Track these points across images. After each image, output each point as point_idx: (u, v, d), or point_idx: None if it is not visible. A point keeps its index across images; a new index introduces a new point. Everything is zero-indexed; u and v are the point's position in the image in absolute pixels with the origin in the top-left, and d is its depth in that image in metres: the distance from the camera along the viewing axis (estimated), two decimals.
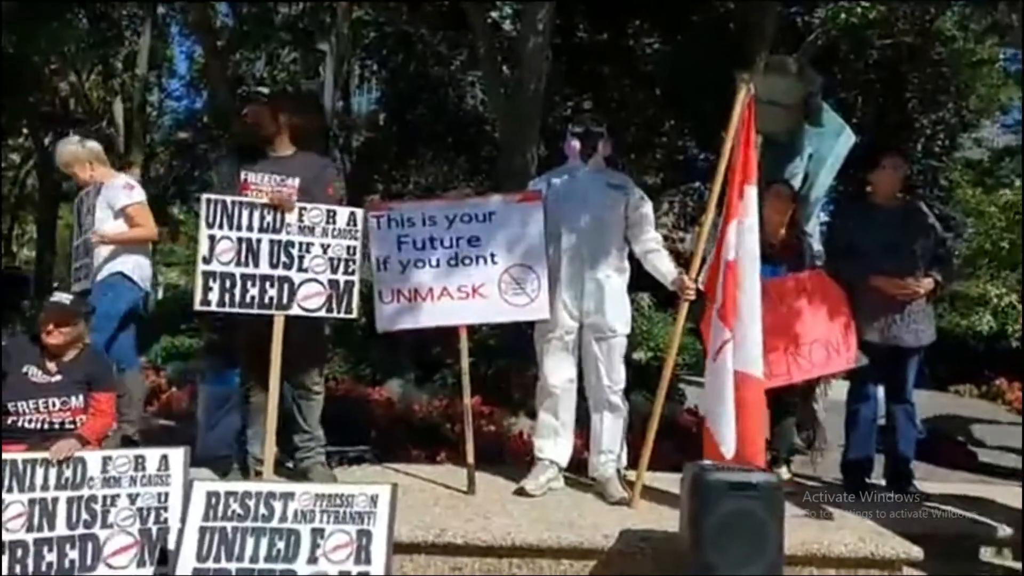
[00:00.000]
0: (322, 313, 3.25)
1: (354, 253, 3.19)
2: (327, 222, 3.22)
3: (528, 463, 3.67)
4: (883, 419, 4.01)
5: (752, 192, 3.31)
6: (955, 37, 11.08)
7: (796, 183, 6.46)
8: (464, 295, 3.42)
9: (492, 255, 3.42)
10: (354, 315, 3.30)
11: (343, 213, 3.26)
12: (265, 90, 3.83)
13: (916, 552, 3.14)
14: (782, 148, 6.95)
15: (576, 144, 3.54)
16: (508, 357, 5.13)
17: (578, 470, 3.71)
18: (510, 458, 4.22)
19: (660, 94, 11.97)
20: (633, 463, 3.51)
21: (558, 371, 3.54)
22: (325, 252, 3.20)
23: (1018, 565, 3.17)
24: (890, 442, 3.93)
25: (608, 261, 3.49)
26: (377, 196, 10.94)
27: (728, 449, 3.15)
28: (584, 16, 10.96)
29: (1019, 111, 14.34)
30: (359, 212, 3.28)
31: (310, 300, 3.21)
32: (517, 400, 4.93)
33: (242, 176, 3.26)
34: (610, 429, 3.56)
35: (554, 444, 3.58)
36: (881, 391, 3.96)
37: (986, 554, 3.46)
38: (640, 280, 3.79)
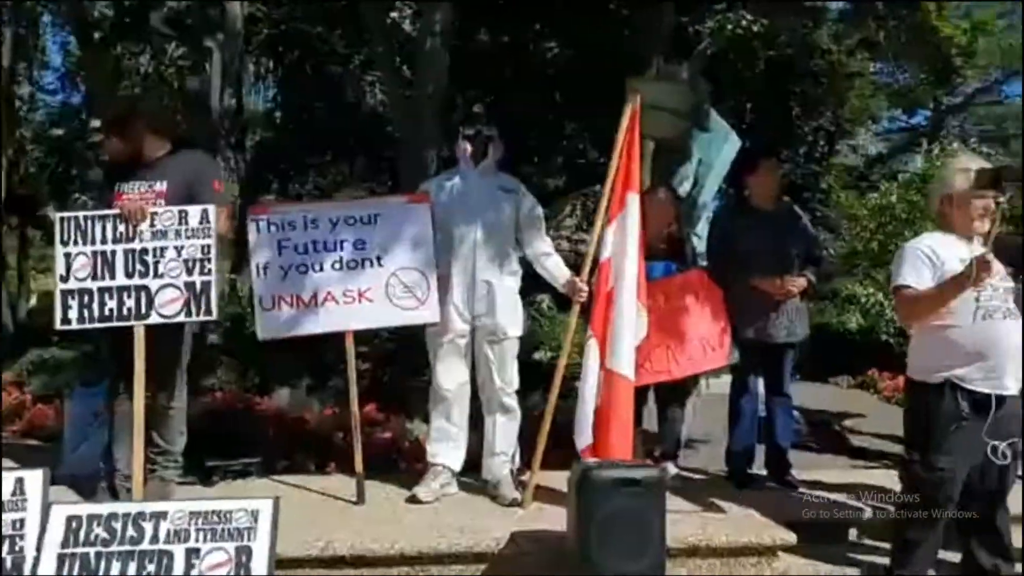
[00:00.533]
0: (181, 318, 3.13)
1: (209, 252, 3.08)
2: (179, 223, 3.11)
3: (423, 469, 3.64)
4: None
5: (633, 199, 3.40)
6: (831, 51, 11.73)
7: (687, 186, 6.71)
8: (350, 300, 3.36)
9: (378, 258, 3.38)
10: (213, 316, 3.18)
11: (195, 212, 3.14)
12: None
13: (790, 538, 3.30)
14: (674, 153, 7.21)
15: (467, 147, 3.53)
16: (405, 362, 5.07)
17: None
18: (406, 465, 4.17)
19: (561, 98, 12.16)
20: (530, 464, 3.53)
21: (450, 375, 3.53)
22: (179, 254, 3.09)
23: (885, 544, 3.36)
24: (769, 433, 4.12)
25: (499, 264, 3.50)
26: (273, 197, 10.63)
27: (582, 441, 3.25)
28: (485, 19, 11.00)
29: (888, 121, 15.40)
30: (212, 209, 3.16)
31: (167, 306, 3.09)
32: (414, 405, 4.87)
33: (115, 187, 3.18)
34: (503, 431, 3.57)
35: (447, 449, 3.56)
36: (761, 385, 4.14)
37: (855, 535, 3.66)
38: (541, 281, 3.82)
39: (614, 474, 2.76)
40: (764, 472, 4.14)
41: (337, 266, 3.36)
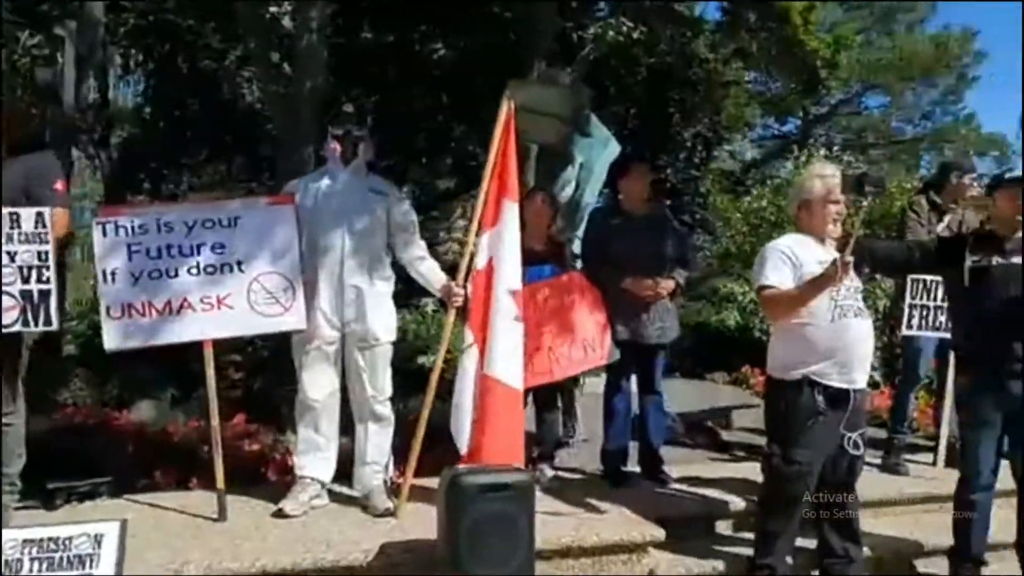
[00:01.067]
0: (18, 327, 2.89)
1: (46, 259, 2.85)
2: (11, 227, 2.85)
3: (293, 482, 3.49)
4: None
5: (510, 205, 3.39)
6: (708, 60, 12.22)
7: (569, 190, 6.77)
8: (208, 307, 3.17)
9: (239, 263, 3.21)
10: (54, 326, 2.95)
11: (27, 216, 2.89)
12: None
13: (659, 534, 3.38)
14: (556, 157, 7.28)
15: (335, 146, 3.42)
16: (278, 370, 4.87)
17: None
18: (277, 478, 3.99)
19: (448, 100, 12.11)
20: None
21: (318, 383, 3.40)
22: (13, 260, 2.83)
23: (750, 535, 3.49)
24: (642, 431, 4.21)
25: (369, 268, 3.40)
26: (144, 197, 10.05)
27: (461, 445, 3.23)
28: (368, 17, 10.80)
29: (762, 128, 16.22)
30: (47, 212, 2.92)
31: (3, 316, 2.84)
32: (287, 415, 4.69)
33: None
34: (375, 440, 3.48)
35: (316, 460, 3.43)
36: (634, 384, 4.23)
37: (721, 528, 3.79)
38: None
39: (482, 480, 2.74)
40: (638, 469, 4.23)
41: (194, 272, 3.17)
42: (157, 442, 4.19)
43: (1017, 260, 3.27)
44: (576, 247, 4.74)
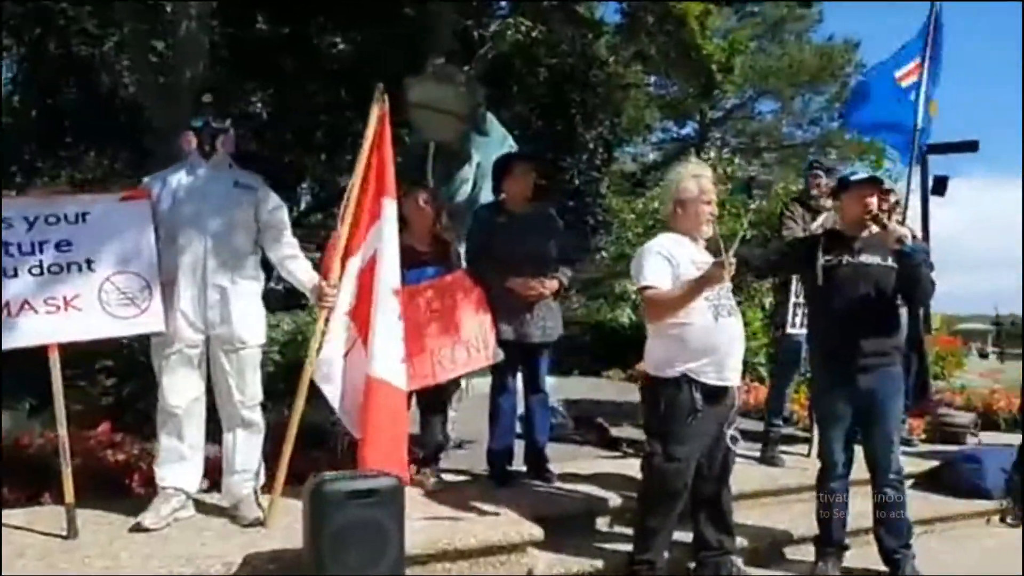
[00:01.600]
0: None
1: None
2: None
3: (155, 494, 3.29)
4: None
5: (388, 203, 3.30)
6: (608, 62, 12.42)
7: (467, 189, 6.71)
8: (53, 309, 2.94)
9: (88, 262, 2.99)
10: None
11: None
12: None
13: (538, 533, 3.37)
14: (453, 156, 7.20)
15: (191, 139, 3.24)
16: (148, 375, 4.61)
17: None
18: (143, 490, 3.76)
19: (347, 95, 11.84)
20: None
21: (180, 389, 3.21)
22: None
23: (630, 531, 3.53)
24: (528, 430, 4.20)
25: (234, 267, 3.24)
26: (15, 193, 9.38)
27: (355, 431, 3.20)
28: (263, 7, 10.43)
29: (662, 131, 16.65)
30: None
31: None
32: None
33: None
34: (244, 447, 3.32)
35: (179, 470, 3.24)
36: (520, 383, 4.21)
37: (602, 524, 3.82)
38: None
39: (347, 486, 2.64)
40: (524, 468, 4.22)
41: (36, 271, 2.93)
42: (7, 455, 3.87)
43: (866, 259, 3.43)
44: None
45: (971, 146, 11.03)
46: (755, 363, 7.12)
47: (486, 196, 6.85)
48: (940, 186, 11.23)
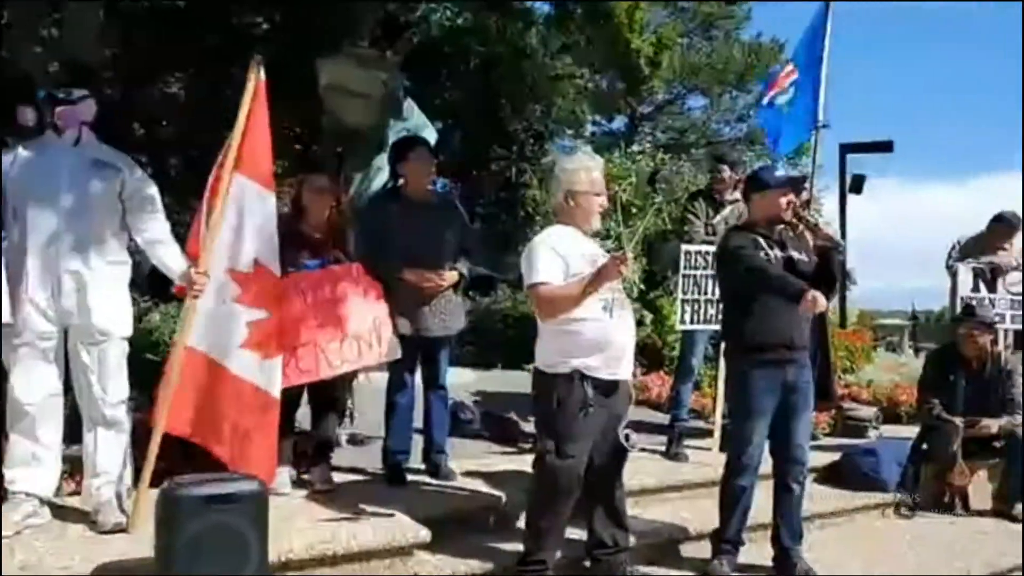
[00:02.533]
0: None
1: None
2: None
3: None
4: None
5: (242, 181, 3.11)
6: (537, 52, 12.31)
7: (383, 177, 6.50)
8: None
9: None
10: None
11: None
12: None
13: (425, 535, 3.24)
14: (370, 142, 6.97)
15: (29, 113, 2.96)
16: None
17: None
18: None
19: (268, 76, 11.44)
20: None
21: (33, 385, 2.95)
22: None
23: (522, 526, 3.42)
24: (426, 427, 4.05)
25: (94, 251, 2.98)
26: None
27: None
28: None
29: (593, 124, 16.65)
30: None
31: None
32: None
33: None
34: (106, 448, 3.07)
35: (31, 473, 2.97)
36: (419, 379, 4.05)
37: (498, 523, 3.70)
38: None
39: (202, 491, 2.45)
40: (423, 467, 4.07)
41: None
42: None
43: (791, 254, 3.40)
44: None
45: (886, 146, 11.35)
46: (672, 356, 7.11)
47: None
48: (858, 185, 11.56)
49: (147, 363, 3.27)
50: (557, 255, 3.09)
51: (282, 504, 3.42)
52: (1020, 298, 5.15)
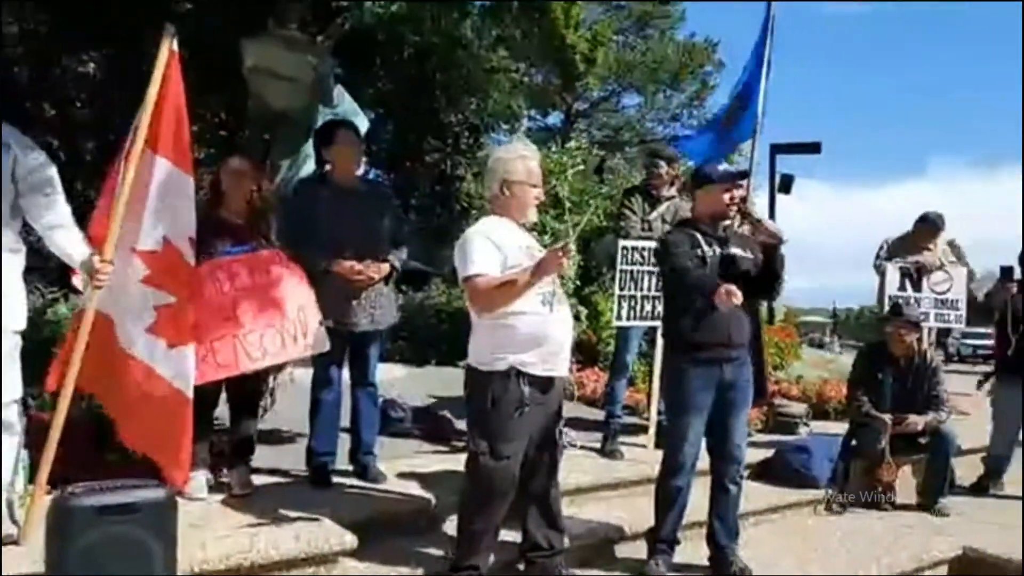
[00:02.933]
0: None
1: None
2: None
3: None
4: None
5: (155, 160, 2.87)
6: (472, 44, 12.13)
7: (312, 164, 6.24)
8: None
9: None
10: None
11: None
12: None
13: (351, 540, 3.06)
14: (298, 127, 6.69)
15: None
16: None
17: None
18: None
19: (191, 58, 10.98)
20: None
21: None
22: None
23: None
24: (354, 426, 3.86)
25: None
26: None
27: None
28: None
29: (529, 119, 16.58)
30: None
31: None
32: None
33: None
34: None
35: None
36: (346, 375, 3.86)
37: (429, 526, 3.54)
38: None
39: (96, 501, 2.22)
40: (351, 468, 3.88)
41: None
42: None
43: (733, 251, 3.33)
44: None
45: (814, 147, 11.65)
46: (607, 352, 7.08)
47: None
48: (786, 185, 11.83)
49: (53, 358, 2.98)
50: (494, 246, 2.96)
51: (197, 510, 3.24)
52: (943, 297, 5.29)
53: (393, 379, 6.34)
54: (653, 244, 4.28)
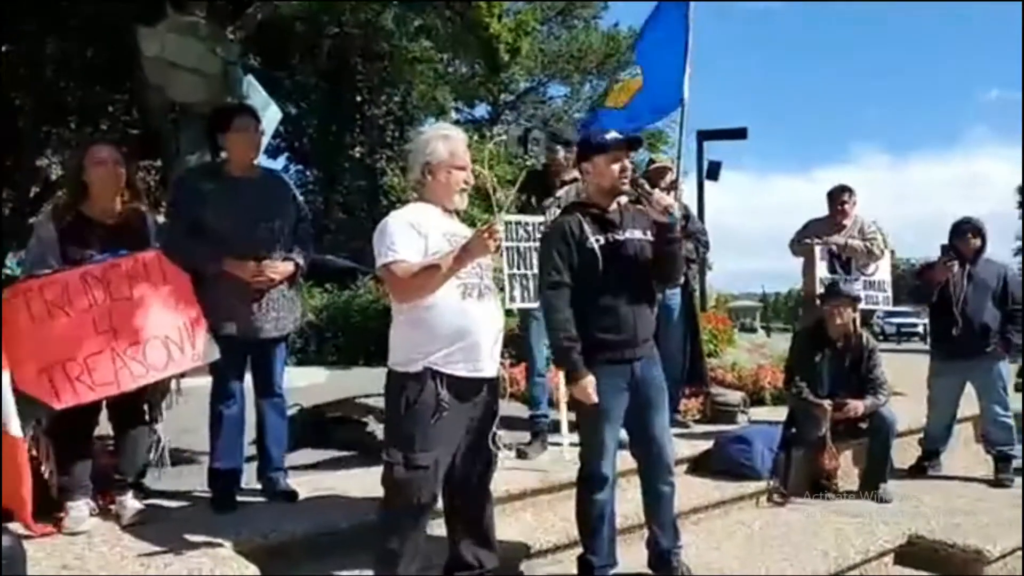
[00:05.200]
0: None
1: None
2: None
3: None
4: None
5: None
6: (394, 33, 11.76)
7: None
8: None
9: None
10: None
11: None
12: None
13: (251, 571, 2.73)
14: (203, 119, 6.22)
15: None
16: None
17: None
18: None
19: (94, 55, 10.33)
20: None
21: None
22: None
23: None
24: (260, 441, 3.50)
25: None
26: None
27: None
28: None
29: (455, 112, 16.26)
30: None
31: None
32: None
33: None
34: None
35: None
36: (249, 385, 3.49)
37: (344, 548, 3.20)
38: None
39: None
40: (260, 487, 3.51)
41: None
42: None
43: (629, 234, 3.05)
44: None
45: (740, 133, 11.68)
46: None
47: None
48: (714, 171, 11.84)
49: None
50: (415, 231, 2.67)
51: (76, 545, 2.86)
52: (871, 279, 5.20)
53: (314, 384, 5.96)
54: (538, 218, 4.06)
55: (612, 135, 3.08)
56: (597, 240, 2.99)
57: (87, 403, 2.97)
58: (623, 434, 3.13)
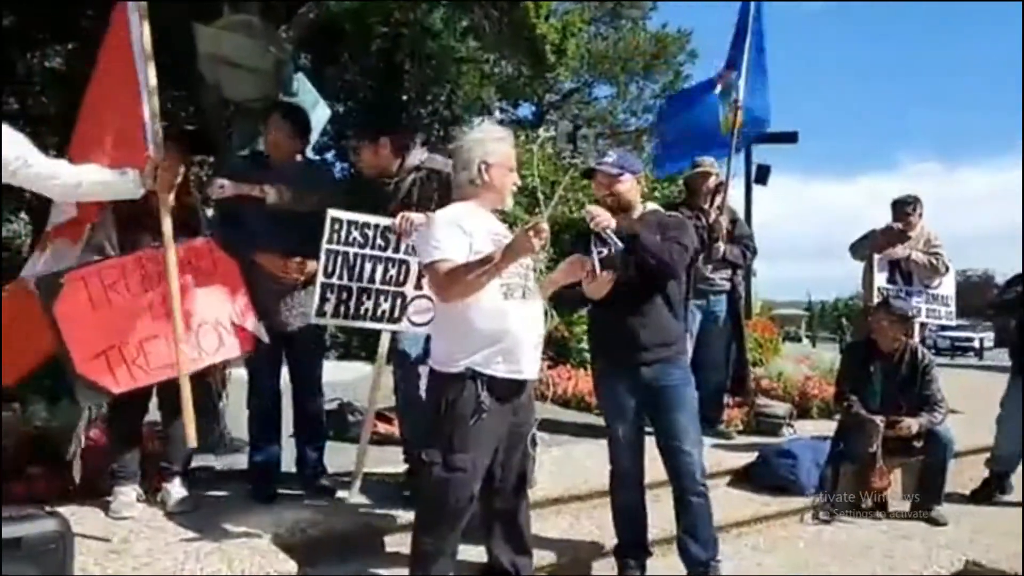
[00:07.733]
0: None
1: None
2: None
3: None
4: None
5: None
6: (442, 34, 11.77)
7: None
8: None
9: None
10: None
11: None
12: None
13: (288, 567, 2.74)
14: (258, 117, 6.30)
15: None
16: None
17: None
18: None
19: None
20: None
21: None
22: None
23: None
24: (297, 436, 3.53)
25: None
26: None
27: None
28: None
29: (500, 112, 16.25)
30: None
31: None
32: None
33: None
34: None
35: None
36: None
37: (385, 545, 3.20)
38: None
39: None
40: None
41: None
42: None
43: (607, 249, 3.02)
44: None
45: (790, 137, 11.42)
46: (580, 348, 6.77)
47: None
48: (763, 175, 11.60)
49: None
50: (461, 231, 2.64)
51: (121, 530, 2.93)
52: (935, 292, 5.02)
53: (354, 379, 5.97)
54: (383, 221, 3.33)
55: (603, 163, 3.21)
56: (599, 252, 2.96)
57: (140, 389, 3.01)
58: None
